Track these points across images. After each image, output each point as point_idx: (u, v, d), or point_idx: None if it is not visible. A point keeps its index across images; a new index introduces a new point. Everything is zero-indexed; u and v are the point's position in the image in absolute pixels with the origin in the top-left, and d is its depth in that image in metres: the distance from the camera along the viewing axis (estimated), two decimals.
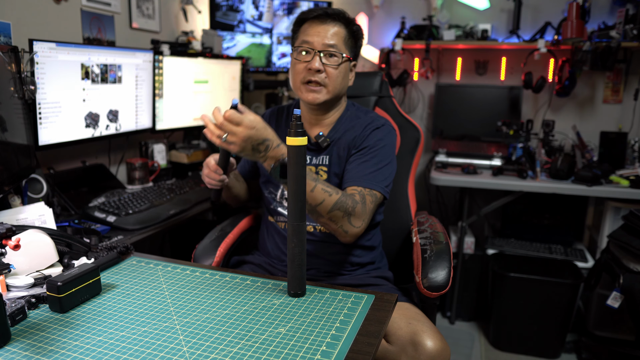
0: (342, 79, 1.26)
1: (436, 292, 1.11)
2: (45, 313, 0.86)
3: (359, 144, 1.28)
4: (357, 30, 1.29)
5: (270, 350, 0.75)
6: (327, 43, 1.22)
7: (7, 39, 1.54)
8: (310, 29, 1.24)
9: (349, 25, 1.27)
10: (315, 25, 1.24)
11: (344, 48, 1.25)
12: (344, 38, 1.25)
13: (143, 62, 1.92)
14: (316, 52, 1.22)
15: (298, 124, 0.90)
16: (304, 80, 1.24)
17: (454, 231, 2.56)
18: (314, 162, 1.31)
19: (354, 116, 1.34)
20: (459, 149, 2.53)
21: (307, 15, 1.26)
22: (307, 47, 1.23)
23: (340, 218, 1.12)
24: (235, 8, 2.69)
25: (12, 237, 0.81)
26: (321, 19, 1.24)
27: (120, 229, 1.46)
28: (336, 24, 1.24)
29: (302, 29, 1.27)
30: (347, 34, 1.26)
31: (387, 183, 1.24)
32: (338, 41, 1.23)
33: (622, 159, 2.39)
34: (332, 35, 1.23)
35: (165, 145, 2.15)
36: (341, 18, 1.26)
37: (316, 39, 1.22)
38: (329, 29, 1.23)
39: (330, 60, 1.23)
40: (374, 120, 1.32)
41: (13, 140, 1.25)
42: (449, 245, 1.22)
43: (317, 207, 1.10)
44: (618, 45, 2.23)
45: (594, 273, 1.95)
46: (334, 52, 1.23)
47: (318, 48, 1.22)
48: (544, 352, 2.19)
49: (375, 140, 1.27)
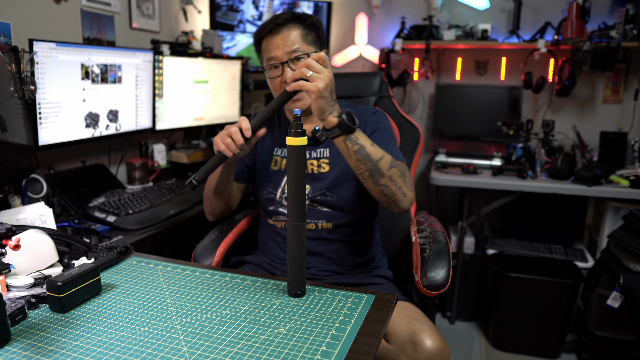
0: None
1: (435, 291, 1.12)
2: (45, 313, 0.86)
3: (370, 131, 1.30)
4: (312, 22, 1.28)
5: (270, 350, 0.75)
6: (289, 50, 1.23)
7: (7, 39, 1.54)
8: (269, 45, 1.26)
9: (302, 22, 1.26)
10: (272, 39, 1.25)
11: (306, 46, 1.25)
12: (302, 36, 1.25)
13: (143, 62, 1.92)
14: (284, 64, 1.24)
15: (298, 123, 0.90)
16: None
17: (454, 231, 2.56)
18: (314, 155, 1.32)
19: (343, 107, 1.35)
20: (459, 149, 2.53)
21: (262, 34, 1.27)
22: (274, 62, 1.25)
23: (398, 177, 1.13)
24: (235, 8, 2.69)
25: (12, 237, 0.80)
26: (274, 31, 1.25)
27: (120, 229, 1.46)
28: (289, 27, 1.25)
29: (263, 48, 1.28)
30: (303, 31, 1.26)
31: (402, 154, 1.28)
32: (299, 43, 1.24)
33: (622, 159, 2.39)
34: (291, 41, 1.24)
35: (165, 145, 2.15)
36: (292, 19, 1.25)
37: (278, 52, 1.24)
38: (286, 36, 1.24)
39: (299, 65, 1.22)
40: (366, 109, 1.36)
41: (13, 140, 1.25)
42: (448, 244, 1.23)
43: (379, 163, 1.10)
44: (618, 45, 2.23)
45: (594, 273, 1.95)
46: (299, 55, 1.24)
47: (284, 59, 1.24)
48: (544, 352, 2.19)
49: (377, 123, 1.32)
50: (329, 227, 1.30)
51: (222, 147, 1.15)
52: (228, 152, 1.16)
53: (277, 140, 1.39)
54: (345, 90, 1.63)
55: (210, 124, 2.35)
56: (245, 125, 1.15)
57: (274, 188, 1.34)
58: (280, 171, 1.35)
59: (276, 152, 1.37)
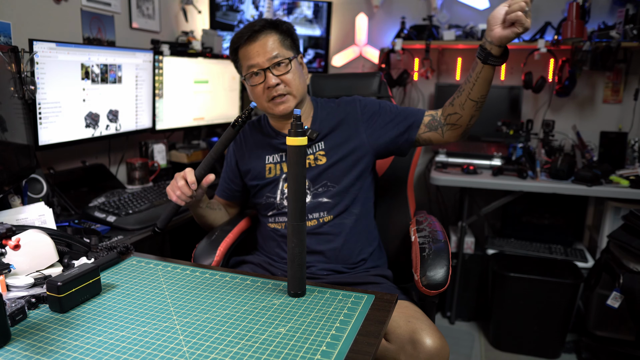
0: (299, 78, 1.30)
1: (435, 290, 1.12)
2: (45, 313, 0.87)
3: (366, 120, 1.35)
4: (287, 28, 1.31)
5: (270, 350, 0.75)
6: (270, 57, 1.25)
7: (7, 39, 1.54)
8: (248, 52, 1.27)
9: (277, 27, 1.29)
10: (250, 46, 1.27)
11: (284, 51, 1.28)
12: (280, 41, 1.28)
13: (143, 62, 1.92)
14: (266, 70, 1.25)
15: (298, 123, 0.90)
16: (268, 99, 1.28)
17: (454, 231, 2.56)
18: (309, 151, 1.35)
19: (325, 105, 1.41)
20: (459, 149, 2.53)
21: (239, 42, 1.29)
22: (255, 69, 1.26)
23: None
24: (235, 8, 2.69)
25: (12, 237, 0.81)
26: (252, 38, 1.26)
27: (120, 229, 1.46)
28: (267, 34, 1.27)
29: (241, 56, 1.30)
30: (280, 36, 1.28)
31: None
32: (277, 48, 1.26)
33: (622, 159, 2.39)
34: (270, 47, 1.26)
35: (165, 145, 2.15)
36: (268, 26, 1.28)
37: (258, 59, 1.26)
38: (264, 43, 1.26)
39: (280, 70, 1.26)
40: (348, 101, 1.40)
41: (13, 140, 1.25)
42: (447, 243, 1.23)
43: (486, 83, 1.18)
44: (618, 45, 2.23)
45: (594, 273, 1.95)
46: (280, 61, 1.26)
47: (265, 65, 1.25)
48: (544, 352, 2.19)
49: (372, 103, 1.37)
50: (330, 219, 1.31)
51: (174, 197, 1.26)
52: (180, 202, 1.27)
53: (266, 149, 1.40)
54: (345, 90, 1.64)
55: (210, 124, 2.35)
56: (190, 179, 1.24)
57: (273, 192, 1.36)
58: (276, 176, 1.36)
59: (268, 160, 1.39)
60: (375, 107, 1.36)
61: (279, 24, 1.29)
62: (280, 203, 1.34)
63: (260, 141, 1.41)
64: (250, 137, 1.44)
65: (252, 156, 1.41)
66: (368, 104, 1.37)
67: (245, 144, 1.44)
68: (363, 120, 1.35)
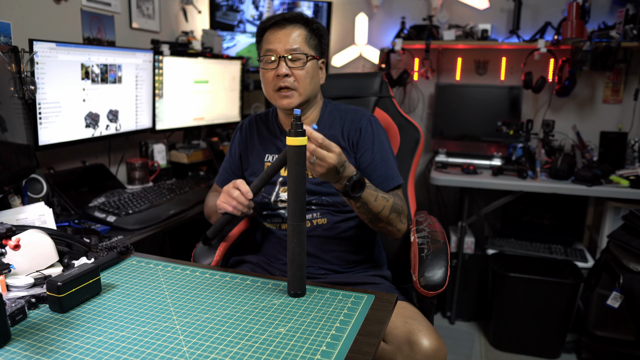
0: (310, 79, 1.27)
1: (433, 291, 1.11)
2: (45, 313, 0.86)
3: (357, 147, 1.32)
4: (318, 29, 1.29)
5: (270, 350, 0.75)
6: (289, 48, 1.24)
7: (7, 39, 1.54)
8: (271, 37, 1.26)
9: (309, 24, 1.27)
10: (275, 32, 1.26)
11: (307, 48, 1.26)
12: (306, 38, 1.26)
13: (143, 62, 1.92)
14: (280, 58, 1.24)
15: (298, 123, 0.90)
16: (275, 88, 1.27)
17: (454, 231, 2.56)
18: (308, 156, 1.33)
19: (334, 110, 1.38)
20: (459, 149, 2.53)
21: (266, 24, 1.28)
22: (271, 54, 1.25)
23: (395, 219, 1.22)
24: (235, 8, 2.69)
25: (12, 237, 0.81)
26: (280, 25, 1.26)
27: (120, 229, 1.46)
28: (295, 26, 1.26)
29: (265, 39, 1.29)
30: (308, 34, 1.27)
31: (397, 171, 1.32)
32: (300, 43, 1.25)
33: (622, 159, 2.39)
34: (293, 39, 1.25)
35: (165, 145, 2.15)
36: (299, 20, 1.27)
37: (278, 45, 1.25)
38: (290, 33, 1.25)
39: (295, 64, 1.25)
40: (356, 116, 1.36)
41: (13, 140, 1.25)
42: (446, 244, 1.22)
43: (379, 214, 1.17)
44: (618, 45, 2.23)
45: (594, 273, 1.95)
46: (297, 55, 1.25)
47: (281, 53, 1.24)
48: (544, 352, 2.19)
49: (370, 137, 1.32)
50: (323, 222, 1.31)
51: (230, 209, 1.22)
52: (236, 212, 1.22)
53: (267, 147, 1.39)
54: (346, 90, 1.64)
55: (210, 124, 2.35)
56: (244, 189, 1.20)
57: (268, 192, 1.35)
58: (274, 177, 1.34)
59: (267, 158, 1.38)
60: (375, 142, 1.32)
61: (311, 21, 1.29)
62: (274, 204, 1.34)
63: (264, 137, 1.40)
64: (255, 131, 1.43)
65: (253, 152, 1.41)
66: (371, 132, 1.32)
67: (250, 137, 1.43)
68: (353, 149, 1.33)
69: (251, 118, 1.47)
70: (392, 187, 1.28)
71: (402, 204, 1.25)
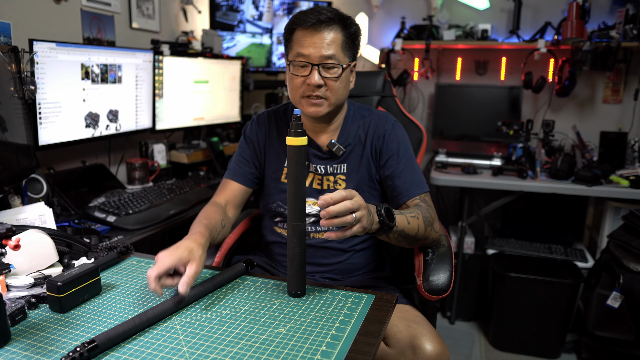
0: (343, 88, 1.18)
1: (437, 295, 1.10)
2: (45, 313, 0.86)
3: (381, 155, 1.25)
4: (356, 31, 1.18)
5: (270, 350, 0.75)
6: (324, 55, 1.11)
7: (7, 39, 1.54)
8: (304, 40, 1.12)
9: (346, 27, 1.15)
10: (309, 34, 1.12)
11: (342, 56, 1.14)
12: (342, 44, 1.14)
13: (143, 62, 1.92)
14: (314, 66, 1.12)
15: (298, 124, 0.90)
16: (303, 95, 1.16)
17: (454, 231, 2.56)
18: (330, 170, 1.26)
19: (357, 116, 1.30)
20: (459, 149, 2.53)
21: (299, 24, 1.13)
22: (304, 61, 1.13)
23: (430, 232, 1.14)
24: (235, 8, 2.69)
25: (12, 237, 0.80)
26: (315, 27, 1.11)
27: (120, 229, 1.46)
28: (332, 29, 1.12)
29: (295, 39, 1.15)
30: (344, 38, 1.14)
31: (424, 178, 1.26)
32: (336, 50, 1.12)
33: (622, 159, 2.39)
34: (329, 45, 1.11)
35: (165, 145, 2.15)
36: (337, 21, 1.13)
37: (312, 51, 1.11)
38: (325, 38, 1.11)
39: (330, 73, 1.13)
40: (380, 122, 1.28)
41: (13, 140, 1.25)
42: (450, 248, 1.21)
43: (416, 234, 1.09)
44: (618, 45, 2.23)
45: (594, 273, 1.95)
46: (333, 64, 1.12)
47: (315, 62, 1.12)
48: (544, 352, 2.19)
49: (395, 143, 1.25)
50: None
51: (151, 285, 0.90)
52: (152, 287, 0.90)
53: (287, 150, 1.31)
54: None
55: (210, 124, 2.35)
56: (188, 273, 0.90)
57: (285, 202, 1.26)
58: None
59: (287, 163, 1.26)
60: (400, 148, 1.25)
61: (350, 23, 1.16)
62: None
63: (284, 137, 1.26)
64: (275, 129, 1.31)
65: (271, 151, 1.30)
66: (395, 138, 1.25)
67: (269, 134, 1.31)
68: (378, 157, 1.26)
69: (267, 113, 1.33)
70: (419, 194, 1.20)
71: (430, 211, 1.16)
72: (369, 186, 1.27)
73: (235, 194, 1.30)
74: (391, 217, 1.00)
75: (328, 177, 1.26)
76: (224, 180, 1.32)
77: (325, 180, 1.26)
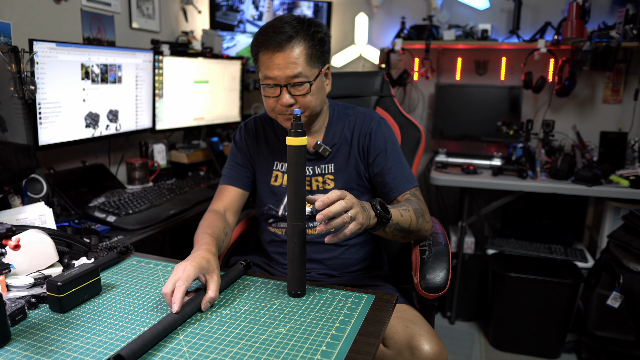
0: (317, 97, 1.16)
1: (434, 293, 1.10)
2: (45, 313, 0.87)
3: (369, 153, 1.26)
4: (322, 38, 1.14)
5: (270, 350, 0.75)
6: (290, 75, 1.09)
7: (7, 39, 1.54)
8: (269, 62, 1.10)
9: (311, 38, 1.11)
10: (272, 55, 1.10)
11: (310, 69, 1.11)
12: (308, 57, 1.11)
13: (143, 62, 1.92)
14: (282, 87, 1.11)
15: (298, 123, 0.90)
16: (278, 112, 1.16)
17: (454, 231, 2.56)
18: (318, 171, 1.27)
19: (342, 115, 1.30)
20: (459, 149, 2.53)
21: (261, 47, 1.11)
22: (272, 82, 1.12)
23: (422, 223, 1.16)
24: (235, 8, 2.69)
25: (12, 237, 0.81)
26: (277, 48, 1.09)
27: (120, 229, 1.46)
28: (294, 45, 1.09)
29: (261, 60, 1.13)
30: (310, 50, 1.11)
31: (412, 173, 1.28)
32: (302, 66, 1.10)
33: (622, 159, 2.39)
34: (294, 64, 1.09)
35: (165, 145, 2.15)
36: (300, 35, 1.10)
37: (277, 73, 1.10)
38: (289, 57, 1.09)
39: (299, 90, 1.12)
40: (365, 120, 1.28)
41: (13, 140, 1.25)
42: (447, 246, 1.22)
43: (410, 227, 1.12)
44: (618, 45, 2.23)
45: (594, 273, 1.95)
46: (300, 82, 1.11)
47: (283, 82, 1.11)
48: (544, 352, 2.19)
49: (382, 140, 1.25)
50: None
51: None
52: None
53: (275, 154, 1.30)
54: (347, 89, 1.63)
55: (210, 124, 2.35)
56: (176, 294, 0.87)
57: (276, 205, 1.29)
58: (281, 187, 1.28)
59: (276, 166, 1.30)
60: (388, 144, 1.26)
61: (314, 32, 1.12)
62: (282, 215, 1.29)
63: (272, 141, 1.31)
64: (262, 135, 1.33)
65: (260, 157, 1.32)
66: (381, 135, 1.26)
67: (257, 140, 1.33)
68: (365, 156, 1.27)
69: (254, 120, 1.36)
70: (409, 188, 1.22)
71: (420, 204, 1.19)
72: (357, 184, 1.28)
73: (234, 199, 1.31)
74: (386, 210, 1.02)
75: (317, 178, 1.27)
76: (220, 186, 1.33)
77: (314, 181, 1.28)
